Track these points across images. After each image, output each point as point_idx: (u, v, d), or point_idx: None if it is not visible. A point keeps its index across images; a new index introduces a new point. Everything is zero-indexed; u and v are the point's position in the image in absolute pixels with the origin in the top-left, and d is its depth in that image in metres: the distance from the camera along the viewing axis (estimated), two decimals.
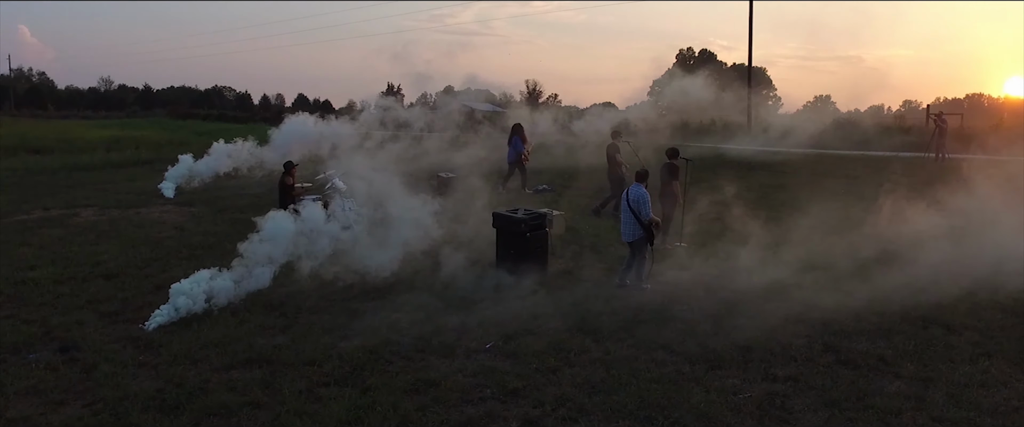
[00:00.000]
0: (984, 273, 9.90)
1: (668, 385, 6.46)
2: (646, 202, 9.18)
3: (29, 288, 9.35)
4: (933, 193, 13.57)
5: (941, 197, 13.04)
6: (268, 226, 9.85)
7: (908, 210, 12.56)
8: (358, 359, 7.01)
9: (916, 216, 12.19)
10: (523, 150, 17.18)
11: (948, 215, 12.16)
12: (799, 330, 7.91)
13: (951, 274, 9.82)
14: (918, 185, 15.05)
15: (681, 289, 9.43)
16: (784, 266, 10.30)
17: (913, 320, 8.25)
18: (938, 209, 12.47)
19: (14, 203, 16.37)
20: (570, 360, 7.05)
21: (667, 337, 7.62)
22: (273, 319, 8.26)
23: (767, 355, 7.20)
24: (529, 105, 45.34)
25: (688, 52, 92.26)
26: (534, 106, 42.30)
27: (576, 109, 34.09)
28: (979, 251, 10.64)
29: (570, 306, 8.64)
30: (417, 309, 8.61)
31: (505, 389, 6.39)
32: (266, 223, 9.86)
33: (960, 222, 11.88)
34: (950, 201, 12.78)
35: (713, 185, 17.04)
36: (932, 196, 13.26)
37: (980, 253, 10.56)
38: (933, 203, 12.73)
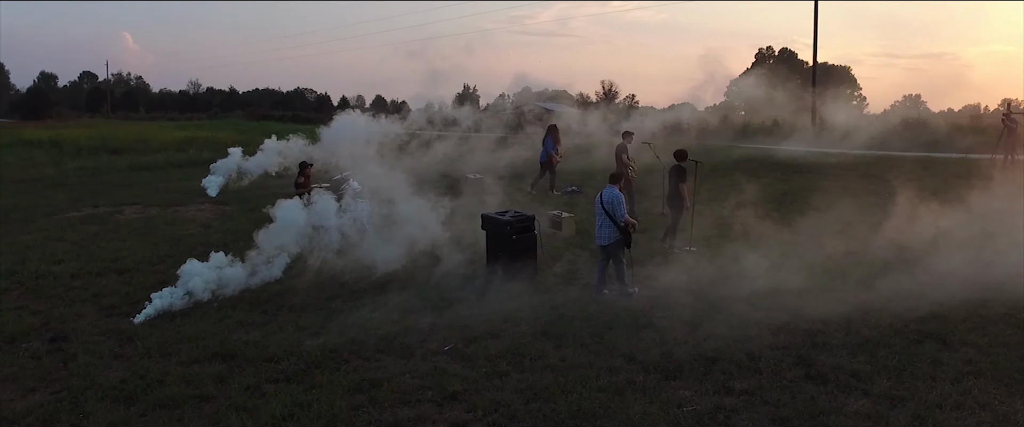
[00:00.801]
0: (1005, 285, 9.26)
1: (612, 395, 6.34)
2: (621, 203, 9.01)
3: (48, 281, 10.06)
4: (977, 196, 12.75)
5: (982, 200, 12.23)
6: (280, 214, 10.34)
7: (937, 214, 11.84)
8: (316, 357, 7.21)
9: (944, 220, 11.47)
10: (553, 151, 17.10)
11: (982, 220, 11.37)
12: (778, 341, 7.59)
13: (967, 284, 9.25)
14: (965, 188, 14.10)
15: (671, 294, 9.20)
16: (789, 271, 9.92)
17: (907, 333, 7.77)
18: (972, 213, 11.69)
19: (71, 201, 17.59)
20: (523, 365, 7.01)
21: (633, 345, 7.46)
22: (255, 315, 8.59)
23: (731, 366, 6.94)
24: (599, 105, 45.03)
25: (767, 51, 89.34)
26: (608, 107, 42.05)
27: (640, 109, 33.64)
28: (1006, 261, 9.93)
29: (547, 310, 8.58)
30: (395, 309, 8.76)
31: (445, 392, 6.42)
32: (277, 211, 10.36)
33: (995, 228, 11.09)
34: (991, 205, 11.98)
35: (743, 187, 16.53)
36: (973, 199, 12.45)
37: (1007, 263, 9.85)
38: (970, 207, 11.95)
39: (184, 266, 9.29)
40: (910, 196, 13.82)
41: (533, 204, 15.85)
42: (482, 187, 16.99)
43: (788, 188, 17.41)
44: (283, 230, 10.76)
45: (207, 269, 9.40)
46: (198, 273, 9.35)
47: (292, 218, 11.01)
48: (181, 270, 9.05)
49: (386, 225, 12.28)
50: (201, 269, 9.43)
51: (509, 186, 18.22)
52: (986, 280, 9.45)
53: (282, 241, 10.61)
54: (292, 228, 10.78)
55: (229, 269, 9.68)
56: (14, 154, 31.92)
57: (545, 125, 25.13)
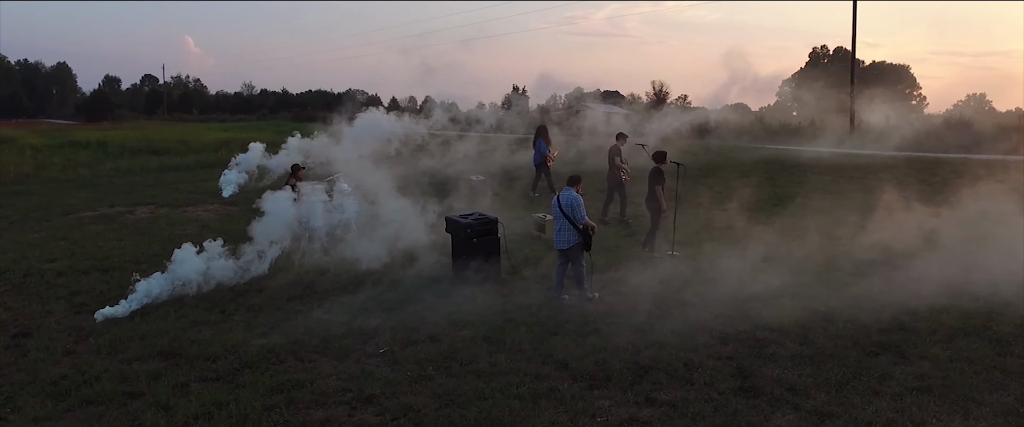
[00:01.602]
0: (986, 292, 8.83)
1: (527, 402, 6.26)
2: (579, 205, 8.88)
3: (34, 279, 10.53)
4: (975, 199, 12.25)
5: (982, 204, 11.70)
6: (268, 207, 10.91)
7: (933, 217, 11.36)
8: (252, 357, 7.34)
9: (934, 223, 11.01)
10: (547, 152, 17.00)
11: (978, 225, 10.88)
12: (724, 350, 7.37)
13: (947, 291, 8.92)
14: (991, 191, 13.48)
15: (632, 300, 9.04)
16: (766, 276, 9.76)
17: (865, 344, 7.45)
18: (964, 216, 11.22)
19: (91, 200, 18.36)
20: (451, 370, 7.00)
21: (571, 351, 7.35)
22: (213, 314, 8.80)
23: (665, 376, 6.77)
24: (650, 106, 44.56)
25: (822, 50, 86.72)
26: (658, 107, 41.57)
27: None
28: (994, 266, 9.51)
29: (497, 314, 8.53)
30: (350, 310, 8.85)
31: (362, 395, 6.46)
32: (266, 204, 10.85)
33: (988, 232, 10.60)
34: (988, 209, 11.46)
35: (748, 189, 16.16)
36: (970, 203, 11.95)
37: (992, 269, 9.44)
38: (964, 210, 11.46)
39: (178, 251, 9.74)
40: (910, 198, 13.35)
41: (534, 207, 15.83)
42: (483, 189, 17.03)
43: (794, 190, 16.92)
44: (273, 221, 11.22)
45: (200, 259, 9.82)
46: (189, 260, 9.81)
47: (280, 209, 11.46)
48: (174, 256, 9.39)
49: (370, 226, 12.49)
50: (193, 257, 9.87)
51: (515, 189, 18.26)
52: (968, 287, 9.08)
53: (272, 233, 11.06)
54: (281, 219, 11.24)
55: (219, 261, 10.06)
56: (62, 155, 33.50)
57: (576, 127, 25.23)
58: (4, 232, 14.31)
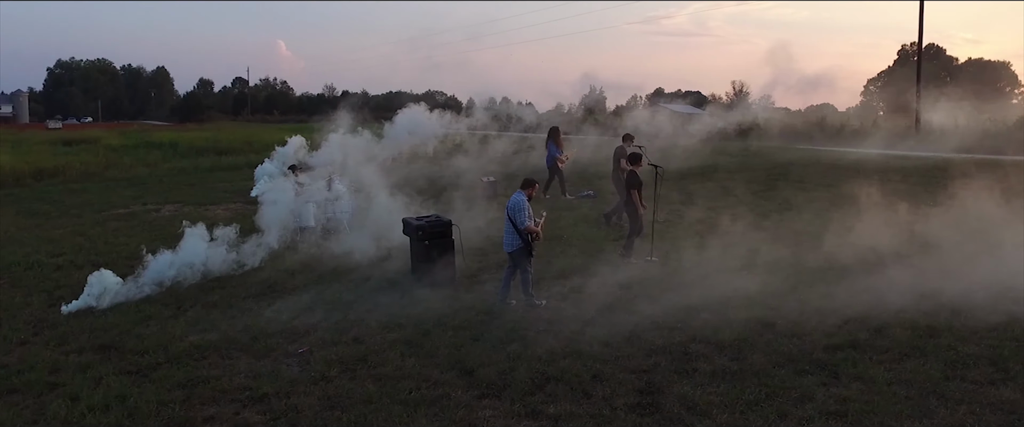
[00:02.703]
0: (961, 303, 8.24)
1: (409, 409, 6.23)
2: (522, 209, 8.75)
3: (33, 272, 11.31)
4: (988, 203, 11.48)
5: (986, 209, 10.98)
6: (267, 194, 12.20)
7: (931, 220, 10.67)
8: (178, 352, 7.64)
9: (934, 228, 10.36)
10: (558, 155, 16.81)
11: (974, 228, 10.18)
12: (643, 363, 7.10)
13: (928, 305, 8.47)
14: (984, 194, 12.62)
15: (582, 307, 8.85)
16: (735, 283, 9.50)
17: (800, 361, 7.03)
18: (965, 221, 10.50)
19: (129, 199, 19.54)
20: (355, 372, 7.06)
21: (483, 358, 7.27)
22: (168, 310, 9.21)
23: (565, 388, 6.59)
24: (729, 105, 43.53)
25: (911, 47, 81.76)
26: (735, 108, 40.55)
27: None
28: (976, 275, 9.08)
29: (433, 317, 8.52)
30: (298, 307, 9.08)
31: (257, 394, 6.61)
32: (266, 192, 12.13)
33: (993, 240, 9.85)
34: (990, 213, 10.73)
35: (759, 191, 15.51)
36: (984, 207, 11.18)
37: (974, 278, 9.00)
38: (973, 214, 10.71)
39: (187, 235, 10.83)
40: (915, 201, 12.58)
41: (541, 209, 15.71)
42: (492, 190, 17.05)
43: (808, 192, 16.12)
44: (271, 210, 12.42)
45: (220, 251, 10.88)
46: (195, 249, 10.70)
47: (279, 198, 12.63)
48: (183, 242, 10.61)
49: (360, 225, 12.80)
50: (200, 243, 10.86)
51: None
52: (942, 296, 8.48)
53: (274, 220, 12.16)
54: (280, 207, 12.45)
55: (219, 249, 10.93)
56: (134, 154, 35.77)
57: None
58: (38, 227, 15.43)
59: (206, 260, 10.68)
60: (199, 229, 11.07)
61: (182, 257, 10.51)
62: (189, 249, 10.66)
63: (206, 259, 10.68)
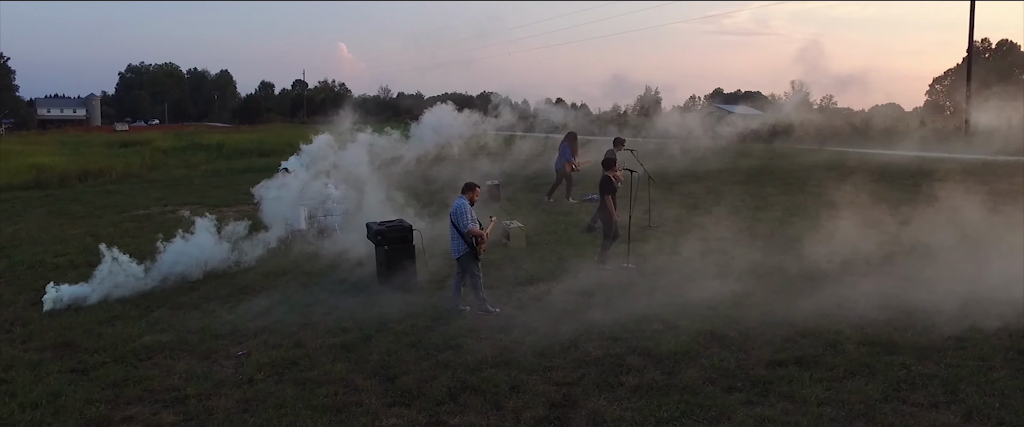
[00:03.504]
0: (926, 312, 7.92)
1: (318, 414, 6.30)
2: (464, 213, 8.70)
3: (31, 271, 11.92)
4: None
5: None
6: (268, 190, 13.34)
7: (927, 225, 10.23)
8: (126, 352, 7.93)
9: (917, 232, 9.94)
10: (569, 159, 16.64)
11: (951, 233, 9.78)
12: (570, 375, 6.97)
13: (899, 317, 8.17)
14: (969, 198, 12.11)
15: (534, 314, 8.75)
16: (706, 289, 9.35)
17: (736, 376, 6.80)
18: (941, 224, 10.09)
19: (154, 200, 20.36)
20: (281, 376, 7.17)
21: (410, 365, 7.29)
22: (138, 310, 9.57)
23: (478, 398, 6.53)
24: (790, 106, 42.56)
25: (983, 44, 77.86)
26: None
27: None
28: (946, 283, 8.93)
29: (380, 322, 8.59)
30: (257, 310, 9.30)
31: (181, 395, 6.80)
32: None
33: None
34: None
35: (758, 195, 15.05)
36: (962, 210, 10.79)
37: (942, 286, 8.84)
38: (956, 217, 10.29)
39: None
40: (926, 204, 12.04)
41: (539, 213, 15.67)
42: (497, 193, 17.06)
43: (822, 195, 15.48)
44: (273, 206, 13.32)
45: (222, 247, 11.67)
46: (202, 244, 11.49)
47: (280, 195, 13.51)
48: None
49: (350, 228, 13.03)
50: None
51: (538, 192, 18.14)
52: (917, 308, 8.30)
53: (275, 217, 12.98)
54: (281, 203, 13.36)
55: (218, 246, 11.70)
56: (181, 156, 37.26)
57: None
58: (58, 228, 16.24)
59: (206, 258, 11.40)
60: (201, 228, 11.82)
61: (182, 255, 11.14)
62: (189, 247, 11.32)
63: (207, 257, 11.42)
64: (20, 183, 26.86)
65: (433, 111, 25.73)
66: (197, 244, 11.72)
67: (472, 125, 22.99)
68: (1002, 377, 6.63)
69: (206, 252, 11.65)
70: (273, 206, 13.96)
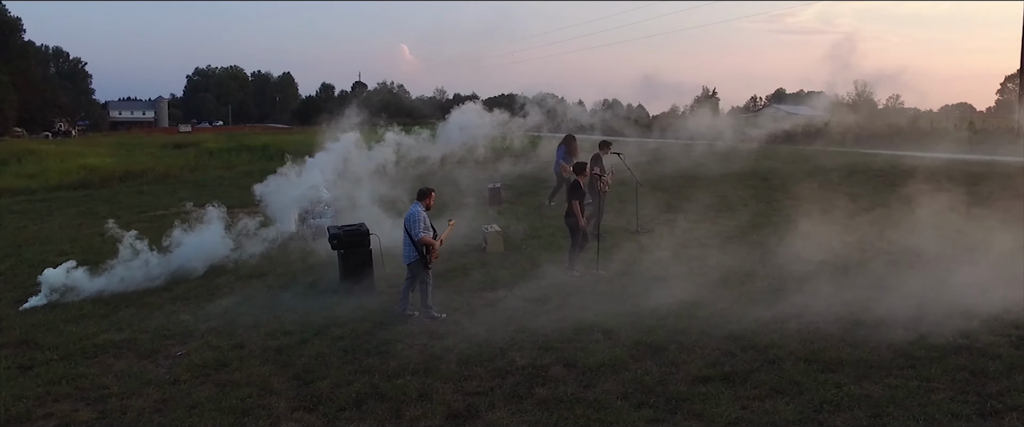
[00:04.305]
0: (895, 336, 7.51)
1: (224, 416, 6.44)
2: (416, 221, 8.71)
3: (33, 270, 12.51)
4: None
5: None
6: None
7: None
8: (76, 349, 8.29)
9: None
10: (562, 161, 16.44)
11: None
12: (484, 385, 6.92)
13: (861, 330, 7.89)
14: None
15: (479, 321, 8.72)
16: (673, 296, 9.20)
17: (652, 391, 6.63)
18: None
19: (178, 200, 21.11)
20: (207, 377, 7.36)
21: (332, 370, 7.39)
22: (107, 309, 9.98)
23: (383, 405, 6.56)
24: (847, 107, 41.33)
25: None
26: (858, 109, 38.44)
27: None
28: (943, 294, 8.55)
29: (322, 324, 8.72)
30: (217, 310, 9.63)
31: (107, 393, 7.06)
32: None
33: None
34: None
35: (756, 201, 14.57)
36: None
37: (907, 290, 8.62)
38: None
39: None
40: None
41: (534, 216, 15.58)
42: (497, 197, 17.04)
43: (821, 204, 14.93)
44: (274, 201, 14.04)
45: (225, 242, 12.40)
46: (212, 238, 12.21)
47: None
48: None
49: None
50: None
51: (539, 196, 18.03)
52: (872, 317, 8.11)
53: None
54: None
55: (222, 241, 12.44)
56: (226, 157, 38.58)
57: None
58: (77, 227, 17.12)
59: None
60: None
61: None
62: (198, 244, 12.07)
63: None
64: (68, 183, 28.39)
65: (461, 110, 25.91)
66: (203, 239, 12.33)
67: (499, 125, 23.13)
68: (940, 400, 6.25)
69: (210, 247, 12.24)
70: (273, 205, 14.44)
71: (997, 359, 7.04)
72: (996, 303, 8.43)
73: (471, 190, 17.99)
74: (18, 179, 29.48)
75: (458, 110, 27.00)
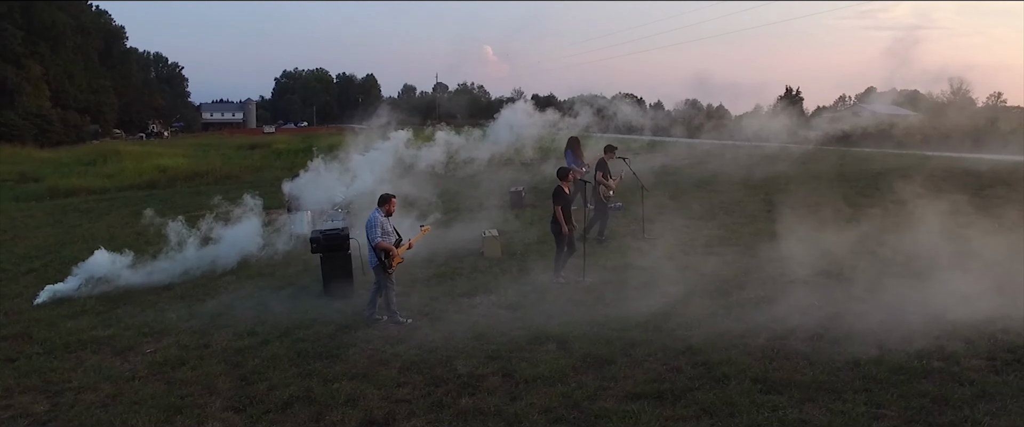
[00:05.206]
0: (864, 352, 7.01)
1: (160, 413, 6.72)
2: (372, 227, 8.81)
3: (65, 266, 13.43)
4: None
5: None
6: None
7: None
8: (62, 344, 8.86)
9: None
10: (573, 166, 16.18)
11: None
12: (416, 393, 6.95)
13: (822, 351, 7.47)
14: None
15: (439, 328, 8.74)
16: (647, 306, 9.01)
17: (580, 407, 6.46)
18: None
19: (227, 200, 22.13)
20: (163, 375, 7.71)
21: (277, 372, 7.58)
22: (107, 306, 10.61)
23: (309, 410, 6.69)
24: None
25: None
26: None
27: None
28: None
29: (289, 326, 8.97)
30: (206, 309, 10.10)
31: (66, 387, 7.52)
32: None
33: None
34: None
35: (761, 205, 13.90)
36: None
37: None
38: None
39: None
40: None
41: (542, 222, 15.45)
42: (519, 200, 16.99)
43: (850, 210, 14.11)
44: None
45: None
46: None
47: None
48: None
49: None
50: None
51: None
52: (848, 332, 7.80)
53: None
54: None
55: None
56: (292, 158, 40.04)
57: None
58: (125, 226, 18.24)
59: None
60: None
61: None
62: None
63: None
64: (138, 183, 30.29)
65: (511, 109, 25.96)
66: (237, 234, 13.23)
67: (549, 125, 23.10)
68: None
69: (243, 240, 13.13)
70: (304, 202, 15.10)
71: (967, 385, 6.52)
72: (998, 323, 7.83)
73: (496, 192, 18.01)
74: (97, 179, 31.67)
75: (508, 108, 27.05)
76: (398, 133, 24.47)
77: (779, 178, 18.55)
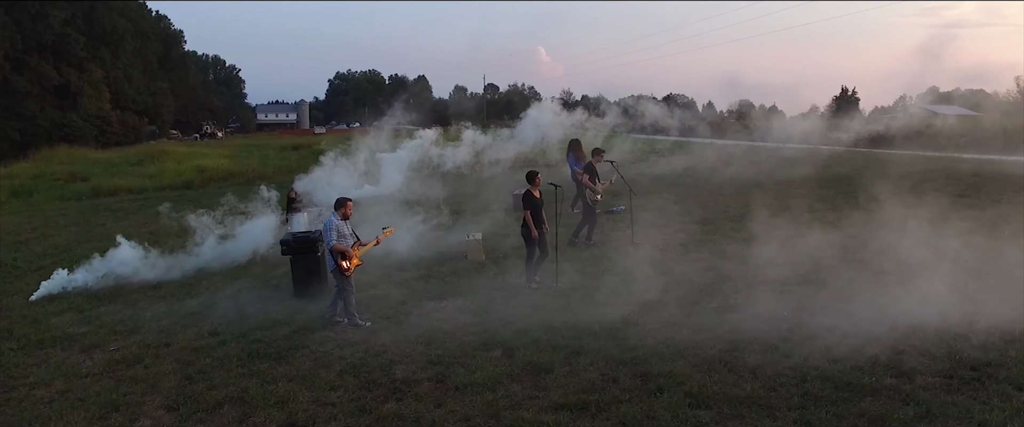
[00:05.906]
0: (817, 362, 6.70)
1: (101, 411, 6.95)
2: (328, 231, 8.89)
3: (73, 265, 13.99)
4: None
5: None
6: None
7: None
8: (35, 340, 9.24)
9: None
10: (577, 168, 15.99)
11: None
12: (346, 397, 7.02)
13: (772, 363, 7.23)
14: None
15: (397, 332, 8.78)
16: (613, 313, 8.89)
17: (509, 416, 6.41)
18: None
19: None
20: (115, 374, 7.96)
21: (220, 372, 7.76)
22: (92, 303, 11.00)
23: (238, 410, 6.82)
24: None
25: None
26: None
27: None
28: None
29: (250, 327, 9.15)
30: (185, 308, 10.38)
31: (24, 382, 7.83)
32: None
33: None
34: None
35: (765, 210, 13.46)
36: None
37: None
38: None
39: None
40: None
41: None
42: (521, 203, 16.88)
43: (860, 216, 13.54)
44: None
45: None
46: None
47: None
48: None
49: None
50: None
51: (565, 202, 17.72)
52: (806, 346, 7.50)
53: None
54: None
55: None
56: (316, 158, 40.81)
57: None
58: (144, 225, 18.83)
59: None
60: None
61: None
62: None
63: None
64: (176, 183, 31.35)
65: (538, 107, 25.87)
66: (251, 229, 13.96)
67: (577, 125, 23.01)
68: None
69: (257, 235, 13.70)
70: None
71: (913, 404, 6.21)
72: (973, 337, 7.44)
73: (505, 195, 17.98)
74: (138, 179, 32.88)
75: (535, 107, 27.03)
76: (425, 132, 24.75)
77: (794, 181, 17.99)
